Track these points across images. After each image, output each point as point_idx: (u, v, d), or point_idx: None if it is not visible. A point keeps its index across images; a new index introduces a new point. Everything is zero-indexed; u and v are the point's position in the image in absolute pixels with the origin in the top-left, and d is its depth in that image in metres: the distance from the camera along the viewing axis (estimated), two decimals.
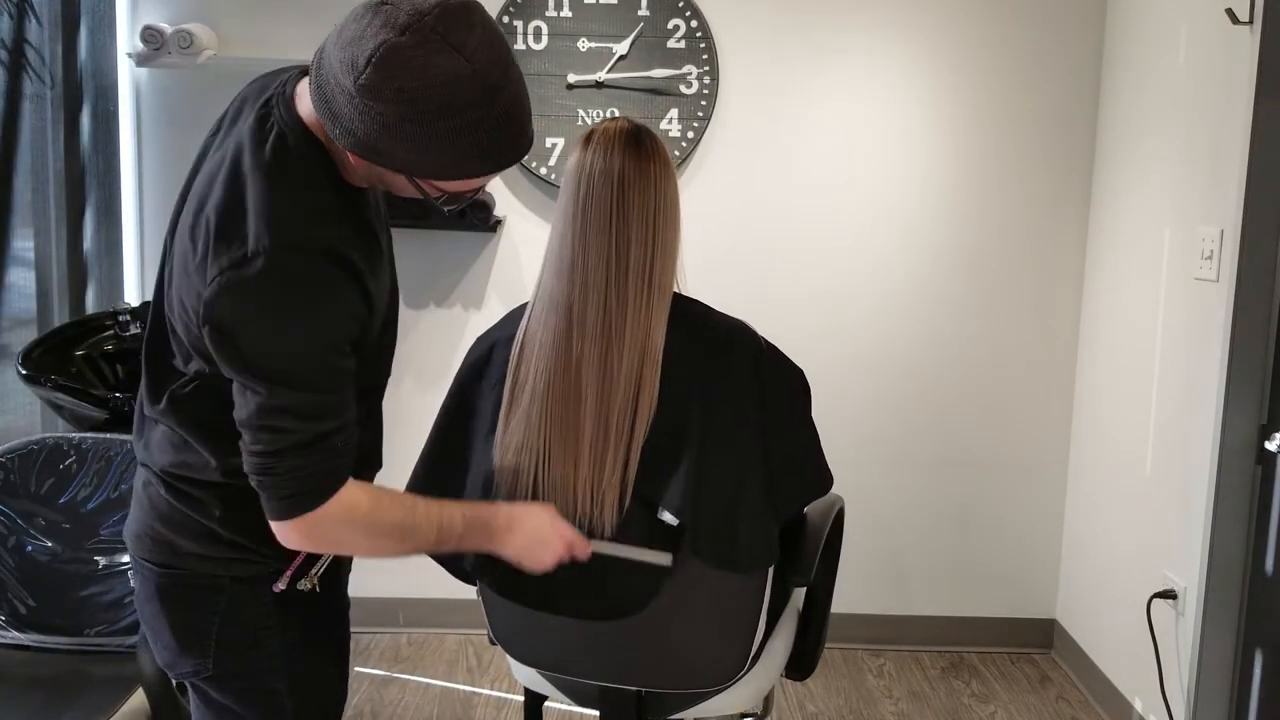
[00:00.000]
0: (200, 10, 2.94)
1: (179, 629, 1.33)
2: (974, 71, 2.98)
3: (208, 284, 1.14)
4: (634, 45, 2.94)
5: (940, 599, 3.19)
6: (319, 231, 1.18)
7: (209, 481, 1.29)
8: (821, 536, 1.76)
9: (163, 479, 1.32)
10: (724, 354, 1.57)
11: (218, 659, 1.33)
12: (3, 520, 2.13)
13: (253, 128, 1.22)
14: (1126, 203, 2.78)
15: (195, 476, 1.30)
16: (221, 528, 1.30)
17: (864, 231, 3.03)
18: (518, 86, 1.16)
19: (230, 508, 1.29)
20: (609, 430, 1.52)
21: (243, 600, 1.32)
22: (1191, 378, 2.39)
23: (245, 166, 1.19)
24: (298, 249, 1.15)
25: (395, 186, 1.28)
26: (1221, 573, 2.29)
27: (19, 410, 2.66)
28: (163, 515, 1.32)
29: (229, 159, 1.21)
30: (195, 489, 1.30)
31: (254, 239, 1.14)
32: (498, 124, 1.14)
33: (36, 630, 2.08)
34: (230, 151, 1.22)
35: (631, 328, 1.52)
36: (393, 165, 1.17)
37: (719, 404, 1.54)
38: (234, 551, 1.31)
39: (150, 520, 1.34)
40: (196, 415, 1.28)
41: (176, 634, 1.33)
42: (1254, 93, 2.16)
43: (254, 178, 1.18)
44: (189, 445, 1.29)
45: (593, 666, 1.67)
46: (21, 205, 2.66)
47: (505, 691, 2.84)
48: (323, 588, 1.37)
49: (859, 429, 3.10)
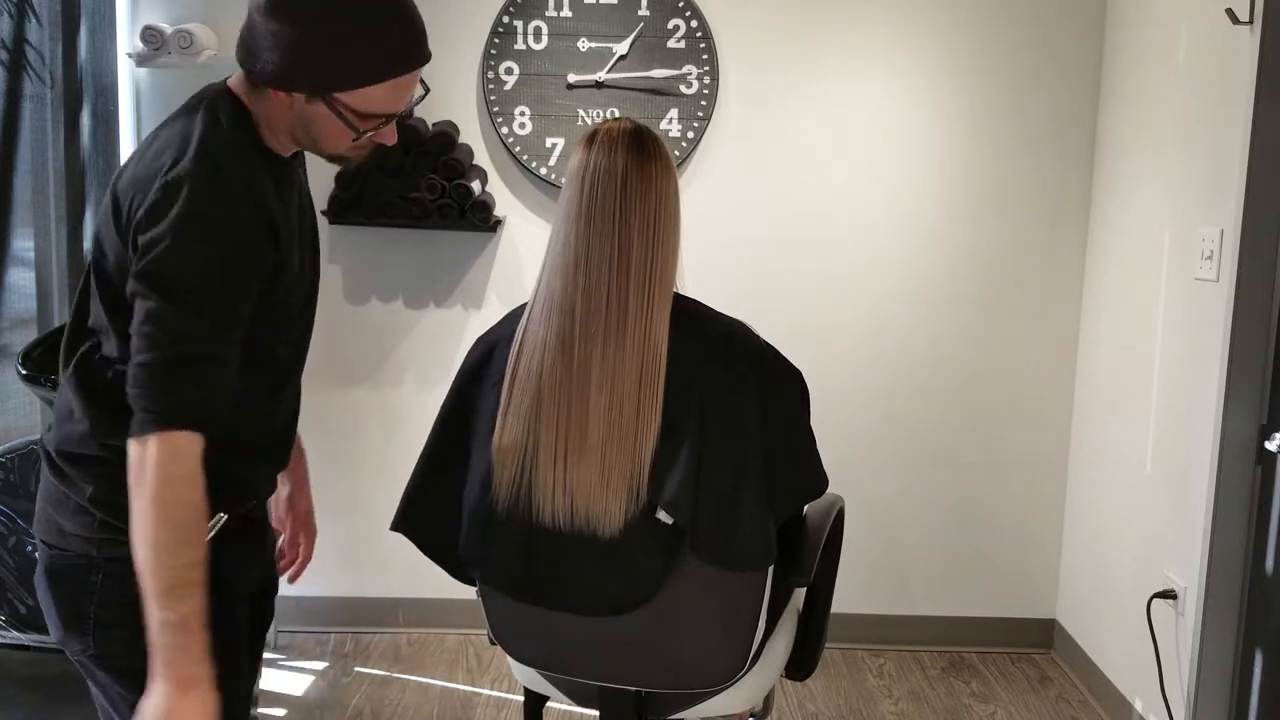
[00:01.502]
0: (200, 10, 2.94)
1: (63, 608, 1.37)
2: (974, 71, 2.98)
3: (149, 196, 1.24)
4: (634, 45, 2.94)
5: (940, 599, 3.19)
6: (244, 170, 1.30)
7: (85, 455, 1.34)
8: (821, 536, 1.76)
9: (48, 456, 1.38)
10: (723, 354, 1.57)
11: (97, 638, 1.36)
12: (3, 520, 2.13)
13: (186, 107, 1.36)
14: (1126, 203, 2.78)
15: (74, 450, 1.35)
16: (93, 506, 1.34)
17: (864, 230, 3.03)
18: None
19: (101, 485, 1.33)
20: (615, 431, 1.52)
21: (118, 580, 1.32)
22: (1191, 378, 2.39)
23: (179, 130, 1.31)
24: (224, 176, 1.27)
25: (320, 133, 1.35)
26: (1221, 573, 2.29)
27: (19, 410, 2.66)
28: (48, 494, 1.39)
29: (165, 133, 1.34)
30: (71, 465, 1.35)
31: (190, 158, 1.26)
32: (396, 19, 1.29)
33: (36, 630, 2.08)
34: (166, 129, 1.35)
35: (634, 328, 1.52)
36: (310, 87, 1.28)
37: (718, 403, 1.54)
38: (105, 531, 1.34)
39: (42, 500, 1.41)
40: (90, 380, 1.34)
41: (61, 613, 1.37)
42: (1254, 93, 2.16)
43: (195, 131, 1.30)
44: (73, 416, 1.35)
45: (592, 666, 1.67)
46: (21, 205, 2.66)
47: (505, 691, 2.85)
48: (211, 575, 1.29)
49: (859, 428, 3.10)
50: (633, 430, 1.51)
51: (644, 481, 1.52)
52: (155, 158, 1.29)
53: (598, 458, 1.52)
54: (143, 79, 2.98)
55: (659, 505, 1.53)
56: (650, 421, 1.52)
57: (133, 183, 1.29)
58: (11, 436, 2.53)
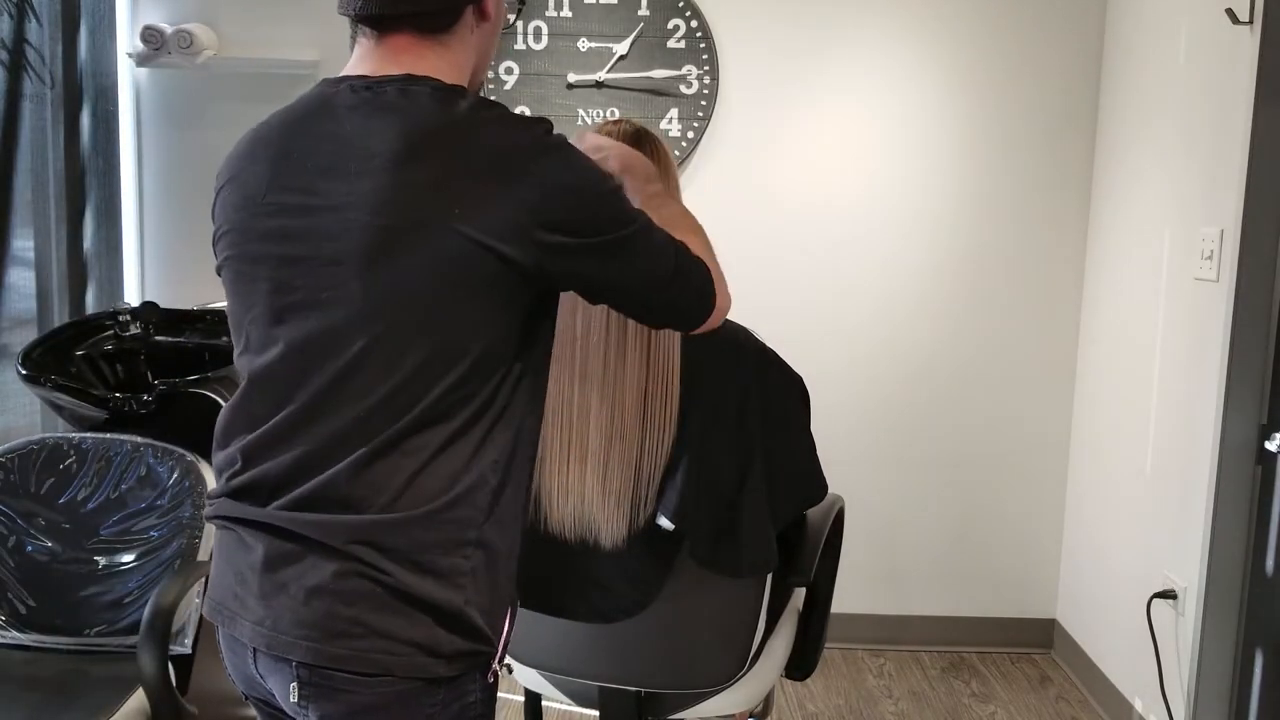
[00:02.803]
0: (200, 10, 2.94)
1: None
2: (974, 72, 2.98)
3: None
4: (634, 45, 2.94)
5: (940, 599, 3.19)
6: None
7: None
8: (821, 536, 1.76)
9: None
10: (724, 359, 1.56)
11: None
12: (3, 520, 2.13)
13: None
14: (1126, 203, 2.78)
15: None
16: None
17: (864, 231, 3.03)
18: None
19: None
20: (616, 441, 1.51)
21: None
22: (1191, 378, 2.39)
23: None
24: None
25: (489, 50, 1.23)
26: (1221, 573, 2.29)
27: (19, 410, 2.66)
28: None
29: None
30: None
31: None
32: None
33: (36, 630, 2.08)
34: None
35: (635, 335, 1.51)
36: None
37: (719, 409, 1.53)
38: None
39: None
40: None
41: None
42: (1254, 93, 2.16)
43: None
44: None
45: (593, 667, 1.67)
46: (21, 205, 2.66)
47: (505, 692, 2.84)
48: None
49: (859, 429, 3.10)
50: (636, 438, 1.51)
51: (646, 489, 1.52)
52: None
53: (599, 465, 1.52)
54: (143, 79, 2.98)
55: (660, 512, 1.53)
56: (660, 428, 1.51)
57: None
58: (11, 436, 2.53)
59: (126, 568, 2.11)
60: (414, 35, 1.13)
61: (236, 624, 1.13)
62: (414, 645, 1.08)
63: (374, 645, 1.07)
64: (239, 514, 1.13)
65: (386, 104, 1.09)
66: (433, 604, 1.08)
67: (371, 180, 1.05)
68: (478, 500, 1.11)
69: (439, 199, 1.04)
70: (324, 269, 1.07)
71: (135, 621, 2.02)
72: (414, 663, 1.08)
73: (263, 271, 1.12)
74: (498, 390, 1.11)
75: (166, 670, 1.81)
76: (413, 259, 1.04)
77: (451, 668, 1.10)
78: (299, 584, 1.07)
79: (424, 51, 1.13)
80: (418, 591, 1.07)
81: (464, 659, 1.12)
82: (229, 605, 1.14)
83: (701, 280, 1.22)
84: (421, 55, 1.13)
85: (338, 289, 1.07)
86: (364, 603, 1.07)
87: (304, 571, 1.07)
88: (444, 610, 1.09)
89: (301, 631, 1.07)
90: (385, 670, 1.07)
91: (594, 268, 1.13)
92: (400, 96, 1.09)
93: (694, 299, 1.23)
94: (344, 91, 1.12)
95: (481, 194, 1.05)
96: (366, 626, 1.07)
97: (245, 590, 1.12)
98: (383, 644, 1.07)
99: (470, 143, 1.07)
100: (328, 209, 1.07)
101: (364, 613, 1.07)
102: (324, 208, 1.08)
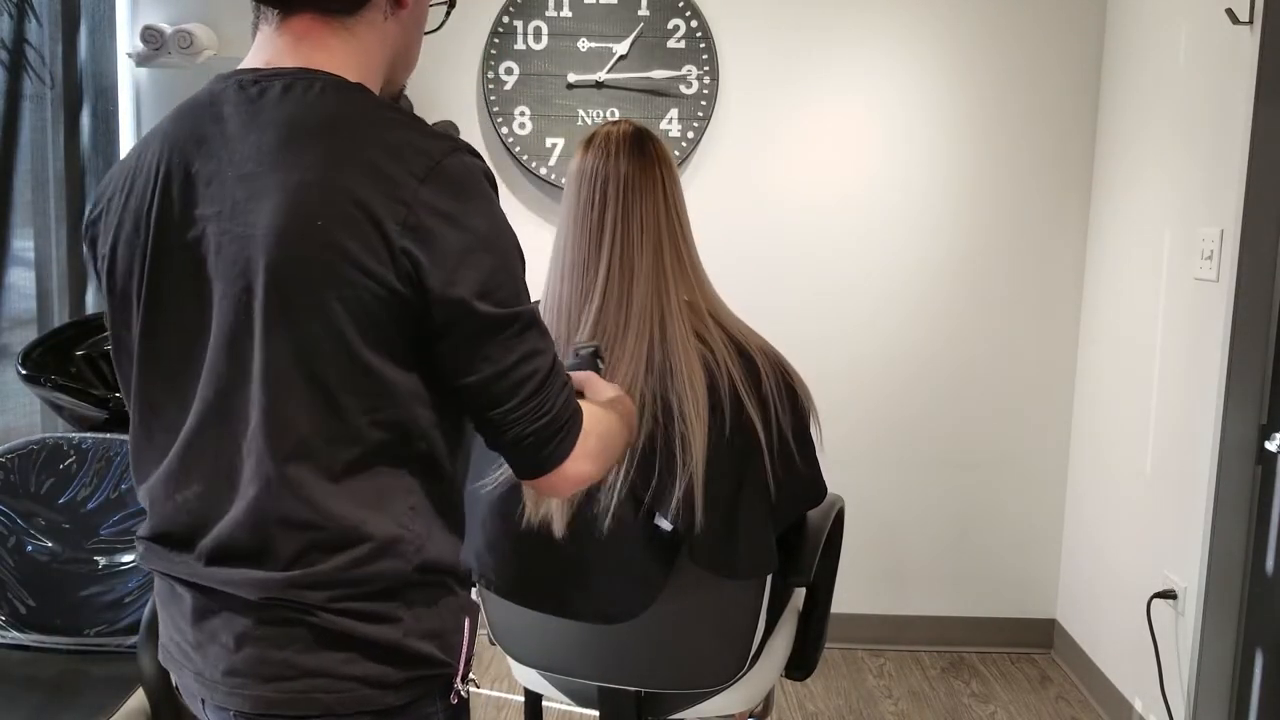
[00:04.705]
0: (200, 10, 2.94)
1: None
2: (974, 72, 2.98)
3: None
4: (634, 45, 2.94)
5: (940, 599, 3.19)
6: None
7: None
8: (821, 536, 1.76)
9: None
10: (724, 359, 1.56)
11: None
12: (3, 520, 2.13)
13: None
14: (1126, 203, 2.78)
15: None
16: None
17: (865, 231, 3.03)
18: None
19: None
20: None
21: None
22: (1191, 378, 2.39)
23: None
24: None
25: (414, 39, 1.13)
26: (1221, 573, 2.29)
27: (19, 410, 2.66)
28: None
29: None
30: None
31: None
32: None
33: (36, 630, 2.08)
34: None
35: (639, 333, 1.51)
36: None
37: (718, 409, 1.53)
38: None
39: None
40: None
41: None
42: (1254, 93, 2.16)
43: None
44: None
45: (592, 667, 1.67)
46: (21, 205, 2.66)
47: (505, 691, 2.84)
48: None
49: (860, 429, 3.10)
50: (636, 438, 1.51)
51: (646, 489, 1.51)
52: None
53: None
54: (143, 79, 2.98)
55: (659, 512, 1.52)
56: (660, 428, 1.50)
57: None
58: (11, 436, 2.53)
59: (126, 568, 2.11)
60: (316, 17, 1.02)
61: (182, 673, 1.08)
62: (355, 680, 1.00)
63: (312, 685, 0.99)
64: (163, 566, 1.06)
65: (270, 102, 0.98)
66: (367, 641, 1.00)
67: (247, 189, 0.96)
68: (401, 547, 1.02)
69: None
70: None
71: (135, 621, 2.02)
72: (358, 697, 1.01)
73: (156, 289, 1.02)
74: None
75: (166, 670, 1.81)
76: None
77: (402, 695, 1.03)
78: (228, 632, 1.01)
79: (326, 38, 1.02)
80: (347, 630, 1.00)
81: (417, 684, 1.04)
82: (173, 654, 1.09)
83: (570, 424, 1.06)
84: (323, 42, 1.02)
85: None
86: (295, 644, 0.99)
87: (229, 620, 1.01)
88: (380, 646, 1.01)
89: (237, 680, 1.01)
90: (327, 710, 1.00)
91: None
92: (284, 94, 0.98)
93: (545, 424, 1.04)
94: (231, 89, 1.01)
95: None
96: (300, 668, 0.99)
97: (183, 638, 1.06)
98: (322, 683, 1.00)
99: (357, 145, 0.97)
100: (211, 219, 0.98)
101: (296, 655, 0.99)
102: (210, 217, 0.98)
